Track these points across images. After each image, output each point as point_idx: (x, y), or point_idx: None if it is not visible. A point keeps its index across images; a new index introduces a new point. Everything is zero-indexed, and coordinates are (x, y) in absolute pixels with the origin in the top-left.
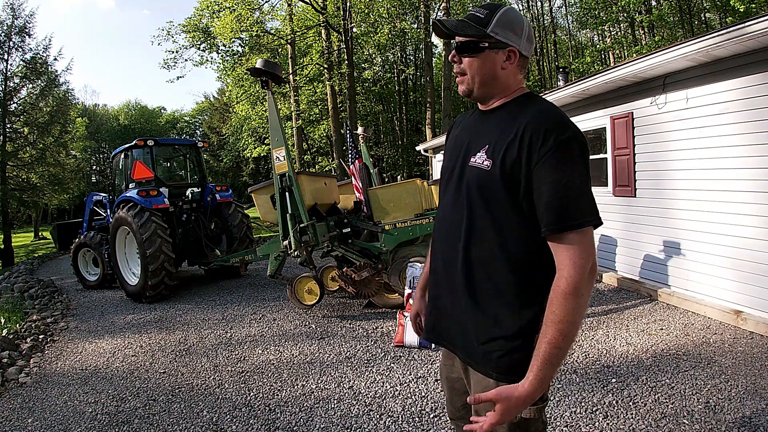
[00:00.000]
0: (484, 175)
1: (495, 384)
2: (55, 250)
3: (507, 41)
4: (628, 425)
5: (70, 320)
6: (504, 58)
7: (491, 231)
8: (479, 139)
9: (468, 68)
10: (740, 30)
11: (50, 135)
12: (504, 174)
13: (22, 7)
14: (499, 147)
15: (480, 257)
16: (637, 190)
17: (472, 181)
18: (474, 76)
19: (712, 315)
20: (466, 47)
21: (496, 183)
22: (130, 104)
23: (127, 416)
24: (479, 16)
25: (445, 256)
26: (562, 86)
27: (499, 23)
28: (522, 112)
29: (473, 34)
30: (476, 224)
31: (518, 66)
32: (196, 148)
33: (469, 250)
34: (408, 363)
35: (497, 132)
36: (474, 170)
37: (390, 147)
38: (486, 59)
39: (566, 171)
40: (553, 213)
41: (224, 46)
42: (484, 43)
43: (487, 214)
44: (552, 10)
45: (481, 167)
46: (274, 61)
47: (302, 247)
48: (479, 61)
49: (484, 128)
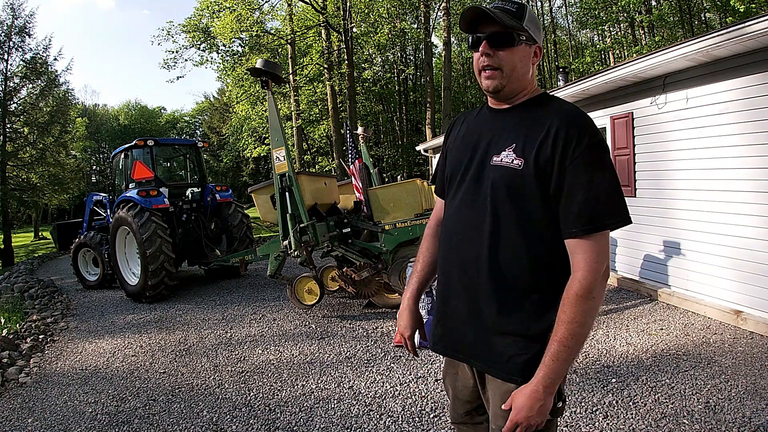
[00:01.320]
0: (514, 175)
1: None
2: (55, 250)
3: (536, 37)
4: (628, 425)
5: (70, 320)
6: (533, 53)
7: (517, 232)
8: (502, 138)
9: (504, 62)
10: (740, 30)
11: (50, 135)
12: (538, 172)
13: (22, 7)
14: (530, 145)
15: (506, 259)
16: (637, 190)
17: (499, 181)
18: (511, 70)
19: (712, 315)
20: (504, 39)
21: (528, 182)
22: (130, 104)
23: (127, 416)
24: (510, 8)
25: (463, 261)
26: (562, 86)
27: (530, 19)
28: (548, 112)
29: (515, 25)
30: (502, 225)
31: (537, 62)
32: (196, 148)
33: (496, 251)
34: (408, 363)
35: (524, 130)
36: (500, 170)
37: (390, 147)
38: (523, 53)
39: (599, 172)
40: (585, 213)
41: (224, 46)
42: (522, 36)
43: (513, 214)
44: (552, 10)
45: (511, 166)
46: (274, 61)
47: (302, 247)
48: (518, 54)
49: (505, 126)
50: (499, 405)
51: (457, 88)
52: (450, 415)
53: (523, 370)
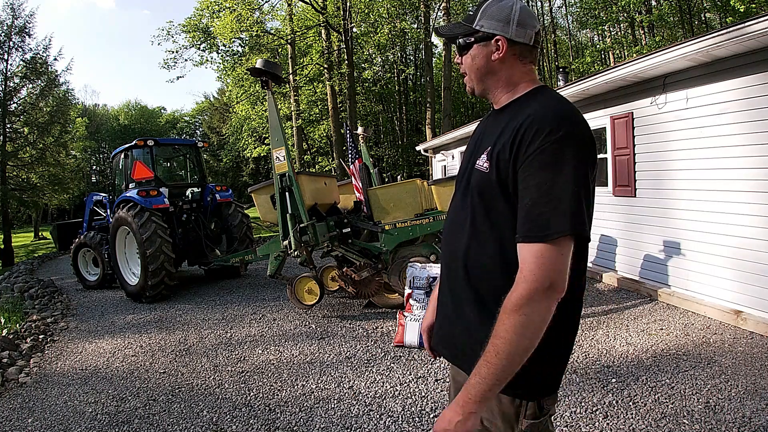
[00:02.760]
0: (483, 178)
1: None
2: (55, 250)
3: (493, 31)
4: (628, 425)
5: (70, 320)
6: (493, 49)
7: (489, 235)
8: (485, 141)
9: (465, 67)
10: (740, 30)
11: (50, 135)
12: (499, 177)
13: (22, 7)
14: (497, 148)
15: (479, 262)
16: (637, 190)
17: (474, 185)
18: (470, 72)
19: (712, 315)
20: (460, 47)
21: (493, 186)
22: (130, 104)
23: (127, 416)
24: (469, 14)
25: (448, 259)
26: (562, 86)
27: (485, 15)
28: (525, 109)
29: (461, 32)
30: (477, 227)
31: (515, 56)
32: (196, 148)
33: (468, 253)
34: (408, 363)
35: (500, 132)
36: (476, 173)
37: (390, 147)
38: (476, 54)
39: (549, 174)
40: (525, 220)
41: (224, 46)
42: (470, 39)
43: (487, 220)
44: (552, 10)
45: (481, 170)
46: (274, 61)
47: (302, 247)
48: (470, 56)
49: (491, 129)
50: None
51: (457, 88)
52: None
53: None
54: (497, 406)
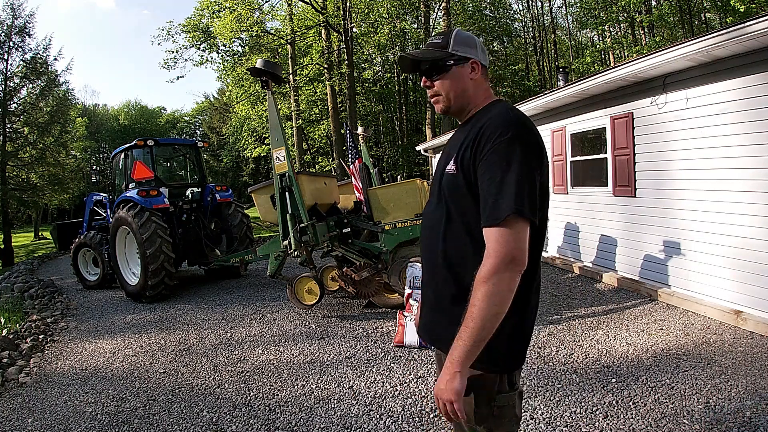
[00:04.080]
0: (451, 180)
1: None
2: (55, 250)
3: (467, 54)
4: (628, 425)
5: (70, 320)
6: (469, 70)
7: (462, 228)
8: (452, 150)
9: (441, 88)
10: (740, 30)
11: (50, 135)
12: (465, 177)
13: (22, 7)
14: (461, 153)
15: (454, 251)
16: (637, 190)
17: (445, 186)
18: (448, 93)
19: (712, 315)
20: (435, 69)
21: (460, 186)
22: (130, 104)
23: (127, 416)
24: (437, 41)
25: (427, 256)
26: (562, 86)
27: (457, 41)
28: (482, 119)
29: (438, 56)
30: (451, 223)
31: (483, 76)
32: (196, 148)
33: (445, 246)
34: (408, 363)
35: (463, 139)
36: (446, 177)
37: (390, 147)
38: (455, 75)
39: (499, 169)
40: (483, 210)
41: (224, 46)
42: (450, 61)
43: (459, 216)
44: (552, 10)
45: (450, 173)
46: (274, 61)
47: (302, 247)
48: (449, 78)
49: (457, 139)
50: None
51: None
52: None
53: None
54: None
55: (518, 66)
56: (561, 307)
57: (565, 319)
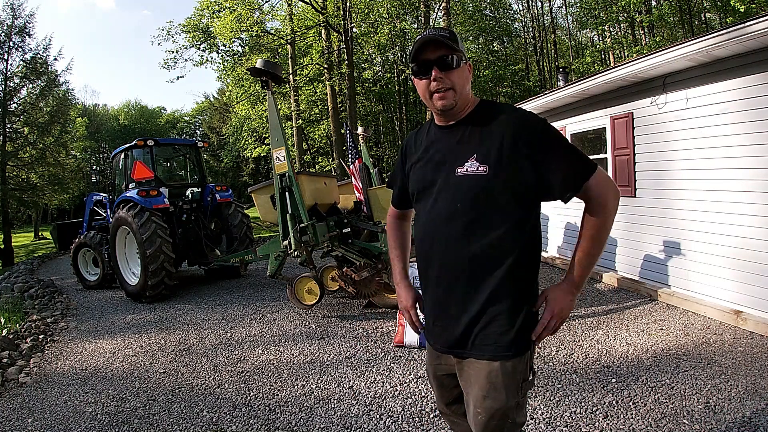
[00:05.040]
0: (480, 179)
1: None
2: (55, 250)
3: (466, 55)
4: (628, 425)
5: (70, 320)
6: (469, 70)
7: (489, 227)
8: (462, 152)
9: (455, 82)
10: (740, 30)
11: (50, 135)
12: (507, 172)
13: (22, 7)
14: (490, 152)
15: (482, 252)
16: (637, 190)
17: (468, 187)
18: (460, 89)
19: (712, 315)
20: (451, 62)
21: (496, 183)
22: (130, 104)
23: (127, 416)
24: (447, 35)
25: (445, 259)
26: (562, 86)
27: (458, 43)
28: (494, 118)
29: (455, 48)
30: (477, 224)
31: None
32: (196, 148)
33: (471, 247)
34: (408, 363)
35: (477, 140)
36: (467, 178)
37: (390, 147)
38: (464, 72)
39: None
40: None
41: (224, 46)
42: (462, 57)
43: (487, 213)
44: (552, 10)
45: (477, 173)
46: (274, 61)
47: (302, 247)
48: (462, 73)
49: (461, 140)
50: (485, 386)
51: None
52: (438, 406)
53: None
54: (502, 379)
55: (518, 66)
56: None
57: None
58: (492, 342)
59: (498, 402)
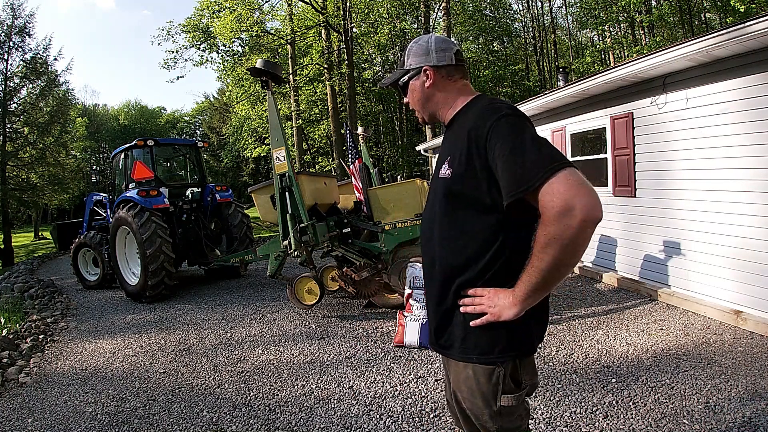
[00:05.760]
0: (445, 183)
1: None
2: (55, 250)
3: (419, 65)
4: (628, 425)
5: (70, 320)
6: (424, 79)
7: (454, 231)
8: (444, 153)
9: (411, 102)
10: (740, 30)
11: (50, 135)
12: (462, 177)
13: (22, 7)
14: (456, 155)
15: (448, 256)
16: (637, 190)
17: (439, 190)
18: (415, 105)
19: (712, 315)
20: (402, 88)
21: (456, 187)
22: (130, 104)
23: (127, 416)
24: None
25: (425, 259)
26: (562, 86)
27: (410, 55)
28: (467, 120)
29: (399, 75)
30: (444, 227)
31: (444, 77)
32: (196, 148)
33: (439, 250)
34: (408, 363)
35: (453, 143)
36: (440, 181)
37: (390, 147)
38: (413, 89)
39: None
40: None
41: (224, 46)
42: (404, 78)
43: (453, 218)
44: (552, 10)
45: (445, 177)
46: (274, 61)
47: (302, 247)
48: (410, 93)
49: (446, 143)
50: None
51: None
52: (446, 395)
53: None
54: (475, 385)
55: (518, 66)
56: (561, 307)
57: (565, 319)
58: (457, 344)
59: (467, 402)
